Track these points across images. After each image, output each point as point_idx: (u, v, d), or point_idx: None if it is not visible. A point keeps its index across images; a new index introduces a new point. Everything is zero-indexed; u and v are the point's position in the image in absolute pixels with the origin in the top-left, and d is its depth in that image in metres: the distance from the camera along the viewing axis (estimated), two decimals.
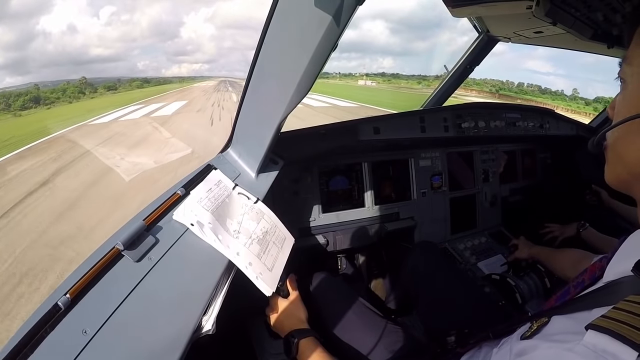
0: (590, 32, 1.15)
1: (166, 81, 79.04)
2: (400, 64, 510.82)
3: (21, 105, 29.53)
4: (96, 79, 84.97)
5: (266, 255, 0.71)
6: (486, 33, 1.57)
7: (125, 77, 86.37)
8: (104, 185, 5.11)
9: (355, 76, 77.06)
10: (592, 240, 1.18)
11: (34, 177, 5.73)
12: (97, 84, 54.95)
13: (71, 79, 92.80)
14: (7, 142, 9.64)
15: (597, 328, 0.31)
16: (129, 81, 60.47)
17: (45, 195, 4.80)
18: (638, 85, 0.39)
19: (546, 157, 1.88)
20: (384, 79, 68.45)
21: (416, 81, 61.75)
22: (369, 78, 66.12)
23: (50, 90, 42.47)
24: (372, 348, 0.79)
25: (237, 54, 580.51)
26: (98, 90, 45.38)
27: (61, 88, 44.70)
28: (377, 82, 57.20)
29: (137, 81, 59.56)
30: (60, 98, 36.87)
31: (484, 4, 1.08)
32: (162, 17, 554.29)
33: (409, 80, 67.43)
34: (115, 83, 55.76)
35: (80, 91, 43.26)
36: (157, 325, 0.49)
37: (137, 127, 10.81)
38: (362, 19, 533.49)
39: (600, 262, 0.49)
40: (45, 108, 27.59)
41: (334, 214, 1.36)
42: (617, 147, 0.42)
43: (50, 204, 4.45)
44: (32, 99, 32.66)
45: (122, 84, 56.25)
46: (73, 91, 42.66)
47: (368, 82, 55.48)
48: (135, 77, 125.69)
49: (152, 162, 5.94)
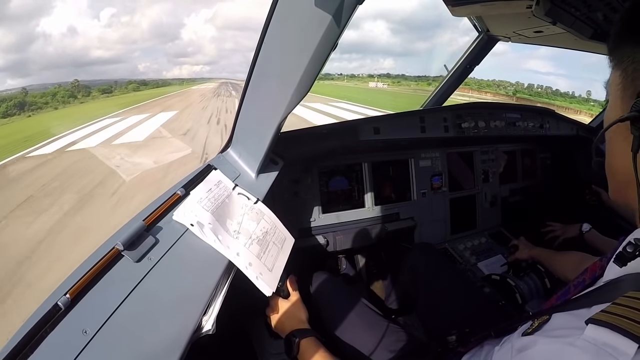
0: (590, 32, 1.15)
1: (165, 83, 76.73)
2: (402, 65, 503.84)
3: (4, 112, 27.51)
4: (93, 81, 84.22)
5: (266, 255, 0.71)
6: (486, 32, 1.58)
7: (123, 80, 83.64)
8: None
9: (361, 77, 75.63)
10: (594, 242, 1.17)
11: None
12: (95, 85, 54.09)
13: (69, 82, 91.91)
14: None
15: (597, 322, 0.31)
16: (126, 84, 58.71)
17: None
18: (613, 100, 0.42)
19: (546, 157, 1.88)
20: (392, 80, 67.37)
21: (425, 82, 60.55)
22: (380, 80, 64.45)
23: (41, 94, 40.38)
24: (373, 348, 0.79)
25: (238, 56, 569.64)
26: (92, 94, 43.57)
27: (51, 92, 42.62)
28: (388, 84, 55.81)
29: (133, 84, 57.84)
30: (49, 103, 35.05)
31: (483, 4, 1.08)
32: (162, 19, 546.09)
33: (417, 81, 65.94)
34: (111, 86, 54.00)
35: (72, 95, 41.22)
36: (157, 325, 0.48)
37: (68, 180, 5.53)
38: (364, 19, 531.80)
39: (600, 262, 0.49)
40: (26, 116, 25.58)
41: (334, 215, 1.36)
42: (608, 160, 0.45)
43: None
44: (16, 105, 30.64)
45: (118, 86, 54.73)
46: (64, 95, 40.67)
47: (379, 84, 53.67)
48: (132, 79, 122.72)
49: None
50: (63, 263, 3.01)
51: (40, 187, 5.31)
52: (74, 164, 6.78)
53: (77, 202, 4.46)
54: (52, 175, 6.00)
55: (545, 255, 1.09)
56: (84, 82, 54.75)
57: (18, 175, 6.40)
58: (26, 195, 4.89)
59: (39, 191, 5.10)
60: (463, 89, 55.05)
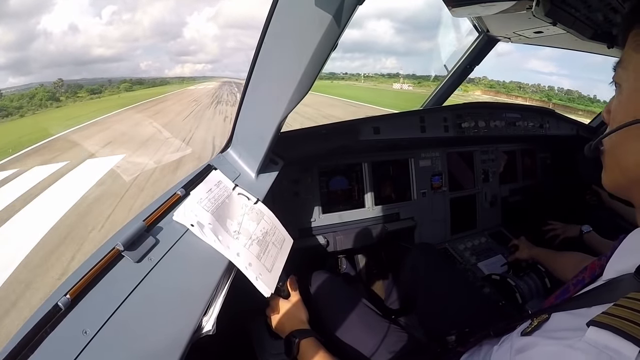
0: (591, 32, 1.15)
1: (163, 82, 69.85)
2: (405, 64, 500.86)
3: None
4: (91, 79, 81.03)
5: (266, 256, 0.71)
6: (486, 33, 1.58)
7: (116, 79, 76.72)
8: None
9: (375, 77, 67.35)
10: (594, 244, 1.18)
11: None
12: (93, 83, 51.06)
13: (71, 80, 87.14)
14: None
15: (598, 324, 0.31)
16: (119, 82, 52.21)
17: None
18: (633, 91, 0.38)
19: (546, 157, 1.88)
20: (416, 81, 60.23)
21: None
22: (405, 80, 57.26)
23: (18, 96, 33.64)
24: (372, 348, 0.79)
25: (240, 54, 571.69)
26: (78, 94, 37.49)
27: (29, 94, 36.33)
28: (413, 86, 49.53)
29: (126, 83, 51.79)
30: (24, 107, 29.29)
31: (483, 4, 1.08)
32: (164, 17, 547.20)
33: (436, 81, 62.35)
34: (101, 85, 48.50)
35: (52, 97, 34.97)
36: (157, 325, 0.48)
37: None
38: (368, 17, 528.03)
39: (599, 261, 0.49)
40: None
41: (334, 215, 1.36)
42: (614, 152, 0.42)
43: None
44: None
45: (111, 86, 49.16)
46: (42, 97, 34.46)
47: (405, 86, 47.97)
48: (132, 77, 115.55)
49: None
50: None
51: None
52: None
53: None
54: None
55: (545, 255, 1.09)
56: (83, 81, 52.29)
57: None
58: None
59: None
60: (489, 92, 49.81)
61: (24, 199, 5.16)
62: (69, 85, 45.45)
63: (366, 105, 18.65)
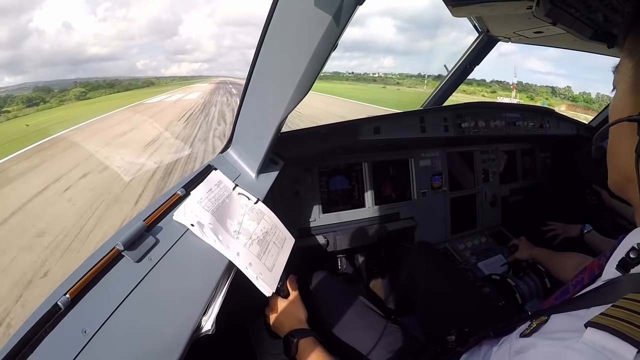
0: (590, 32, 1.15)
1: (161, 82, 61.61)
2: (408, 64, 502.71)
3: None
4: (87, 78, 76.61)
5: (266, 255, 0.71)
6: (486, 33, 1.58)
7: (101, 78, 69.55)
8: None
9: (391, 77, 60.00)
10: (594, 244, 1.17)
11: None
12: (93, 82, 47.86)
13: (67, 79, 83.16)
14: None
15: (596, 325, 0.31)
16: (72, 87, 45.19)
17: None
18: (622, 92, 0.41)
19: (546, 157, 1.88)
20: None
21: (490, 88, 51.31)
22: (430, 82, 48.58)
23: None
24: (372, 348, 0.79)
25: (236, 53, 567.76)
26: (49, 102, 31.49)
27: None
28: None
29: (78, 87, 44.82)
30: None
31: (484, 4, 1.08)
32: (160, 15, 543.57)
33: (480, 85, 53.08)
34: (85, 86, 44.48)
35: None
36: (157, 325, 0.49)
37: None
38: (371, 16, 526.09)
39: (599, 261, 0.49)
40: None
41: (334, 214, 1.36)
42: (611, 152, 0.44)
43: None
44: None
45: (98, 86, 45.15)
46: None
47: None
48: (114, 77, 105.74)
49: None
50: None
51: None
52: None
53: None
54: None
55: (545, 255, 1.09)
56: (82, 80, 49.39)
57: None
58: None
59: None
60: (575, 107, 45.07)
61: None
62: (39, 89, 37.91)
63: None
